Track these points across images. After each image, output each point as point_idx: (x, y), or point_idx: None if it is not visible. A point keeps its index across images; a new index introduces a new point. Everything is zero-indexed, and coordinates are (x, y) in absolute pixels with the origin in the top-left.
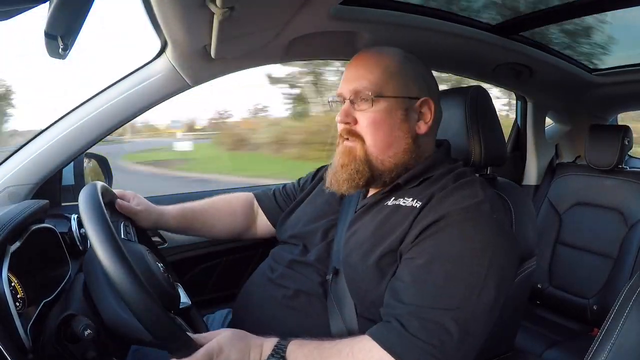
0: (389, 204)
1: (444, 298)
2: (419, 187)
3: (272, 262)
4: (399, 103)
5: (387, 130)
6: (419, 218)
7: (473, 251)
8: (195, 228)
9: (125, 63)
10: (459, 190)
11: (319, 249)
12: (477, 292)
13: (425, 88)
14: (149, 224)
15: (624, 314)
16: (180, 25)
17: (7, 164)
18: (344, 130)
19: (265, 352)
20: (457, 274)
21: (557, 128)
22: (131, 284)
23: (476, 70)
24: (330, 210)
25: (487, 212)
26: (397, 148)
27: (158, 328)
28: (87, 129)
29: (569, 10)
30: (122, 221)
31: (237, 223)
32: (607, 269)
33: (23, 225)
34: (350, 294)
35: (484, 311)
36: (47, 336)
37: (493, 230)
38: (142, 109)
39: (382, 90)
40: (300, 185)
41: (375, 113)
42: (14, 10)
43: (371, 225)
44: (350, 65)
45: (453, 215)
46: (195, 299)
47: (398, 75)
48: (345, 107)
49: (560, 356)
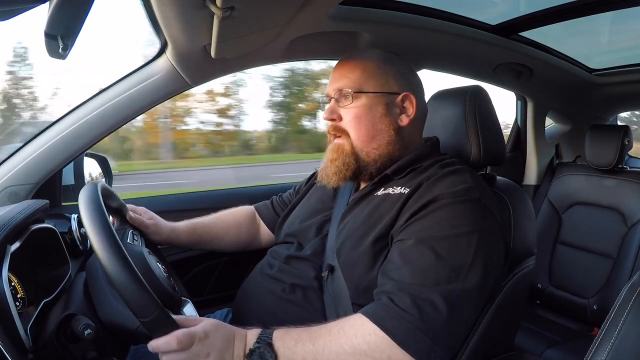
0: (379, 194)
1: (432, 276)
2: (406, 177)
3: (270, 259)
4: (379, 98)
5: (368, 123)
6: (409, 204)
7: (461, 233)
8: (205, 241)
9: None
10: (448, 176)
11: (314, 243)
12: (464, 272)
13: (406, 84)
14: (161, 238)
15: (624, 313)
16: (180, 25)
17: (7, 164)
18: (330, 127)
19: (250, 340)
20: (444, 254)
21: (557, 128)
22: (121, 266)
23: (476, 70)
24: (323, 208)
25: (476, 197)
26: (380, 140)
27: (138, 302)
28: (87, 128)
29: (568, 10)
30: (131, 230)
31: (242, 234)
32: (607, 268)
33: (23, 225)
34: (346, 280)
35: (471, 292)
36: (47, 336)
37: (481, 215)
38: (142, 108)
39: (362, 87)
40: (296, 190)
41: (357, 108)
42: (14, 10)
43: (362, 215)
44: (335, 67)
45: (442, 198)
46: (195, 299)
47: (377, 73)
48: (330, 105)
49: (560, 356)
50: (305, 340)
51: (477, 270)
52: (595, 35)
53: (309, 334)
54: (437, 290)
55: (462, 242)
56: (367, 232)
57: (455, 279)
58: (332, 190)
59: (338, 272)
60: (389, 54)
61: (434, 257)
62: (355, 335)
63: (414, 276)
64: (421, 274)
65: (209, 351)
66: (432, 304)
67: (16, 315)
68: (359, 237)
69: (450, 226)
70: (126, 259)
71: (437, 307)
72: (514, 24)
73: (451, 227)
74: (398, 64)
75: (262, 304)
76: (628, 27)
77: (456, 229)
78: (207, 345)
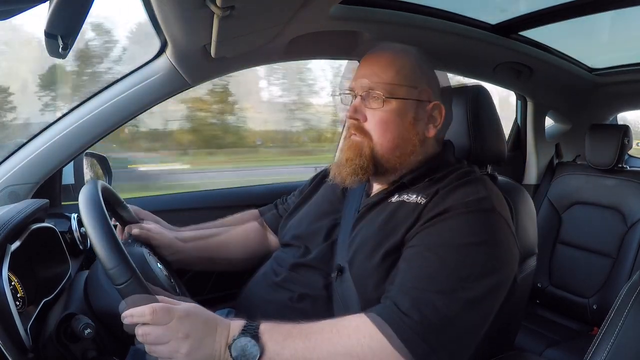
0: (393, 201)
1: (437, 283)
2: (422, 185)
3: (275, 265)
4: (410, 105)
5: (395, 131)
6: (423, 213)
7: (470, 243)
8: (213, 255)
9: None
10: (462, 187)
11: (322, 249)
12: (470, 282)
13: (437, 92)
14: (172, 258)
15: (624, 313)
16: (180, 24)
17: (7, 163)
18: (352, 126)
19: (234, 330)
20: (451, 263)
21: (557, 127)
22: (104, 233)
23: (476, 70)
24: (332, 210)
25: (489, 208)
26: (404, 149)
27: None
28: (87, 128)
29: (568, 10)
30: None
31: (250, 241)
32: (607, 268)
33: (23, 224)
34: (357, 291)
35: (478, 301)
36: (47, 335)
37: (494, 225)
38: (142, 108)
39: (394, 91)
40: (301, 191)
41: (386, 113)
42: (14, 10)
43: (375, 222)
44: (364, 60)
45: (454, 209)
46: (195, 299)
47: (412, 77)
48: (356, 103)
49: (560, 355)
50: (296, 336)
51: (485, 280)
52: (595, 35)
53: (300, 330)
54: (440, 297)
55: (471, 253)
56: (380, 243)
57: (462, 289)
58: (340, 191)
59: (347, 274)
60: (424, 54)
61: (440, 265)
62: (349, 336)
63: (418, 281)
64: (426, 279)
65: (187, 332)
66: (435, 309)
67: (16, 314)
68: (372, 247)
69: (460, 236)
70: (114, 235)
71: (439, 313)
72: (514, 24)
73: (461, 236)
74: (431, 68)
75: (267, 312)
76: (628, 26)
77: (466, 238)
78: (186, 326)
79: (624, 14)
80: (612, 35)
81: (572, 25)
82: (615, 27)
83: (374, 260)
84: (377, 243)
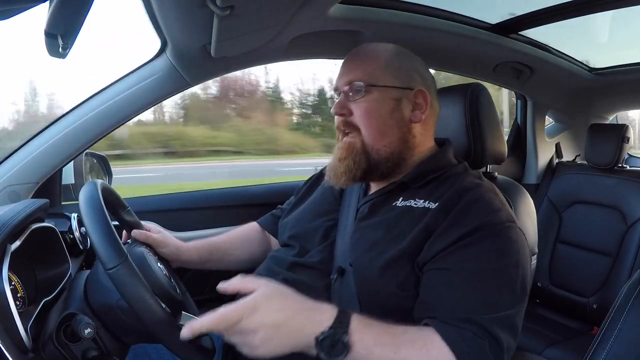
0: (399, 205)
1: (495, 307)
2: (427, 188)
3: (272, 265)
4: (392, 92)
5: (380, 119)
6: (441, 227)
7: (509, 264)
8: (216, 258)
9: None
10: (480, 199)
11: (320, 250)
12: (517, 299)
13: (420, 80)
14: (172, 257)
15: (624, 312)
16: (180, 24)
17: (7, 163)
18: (340, 122)
19: (323, 321)
20: (502, 286)
21: (557, 127)
22: (99, 218)
23: (476, 69)
24: (328, 210)
25: (512, 221)
26: (391, 136)
27: (105, 247)
28: (87, 127)
29: (568, 9)
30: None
31: (251, 241)
32: (607, 267)
33: (23, 224)
34: (359, 295)
35: (521, 312)
36: (48, 335)
37: (519, 240)
38: (142, 107)
39: (374, 80)
40: (296, 192)
41: (368, 103)
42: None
43: (381, 226)
44: (345, 59)
45: (484, 229)
46: (196, 299)
47: (391, 67)
48: (340, 99)
49: (560, 355)
50: (387, 345)
51: (523, 293)
52: (595, 34)
53: (392, 338)
54: (503, 321)
55: (512, 272)
56: (387, 248)
57: (511, 304)
58: (337, 191)
59: (349, 276)
60: (403, 49)
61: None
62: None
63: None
64: (487, 305)
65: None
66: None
67: (16, 314)
68: (378, 252)
69: (501, 257)
70: (114, 234)
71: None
72: (514, 23)
73: (501, 258)
74: (413, 59)
75: None
76: (628, 26)
77: (504, 259)
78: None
79: (624, 13)
80: (612, 35)
81: (572, 25)
82: (615, 27)
83: (379, 264)
84: (383, 247)
